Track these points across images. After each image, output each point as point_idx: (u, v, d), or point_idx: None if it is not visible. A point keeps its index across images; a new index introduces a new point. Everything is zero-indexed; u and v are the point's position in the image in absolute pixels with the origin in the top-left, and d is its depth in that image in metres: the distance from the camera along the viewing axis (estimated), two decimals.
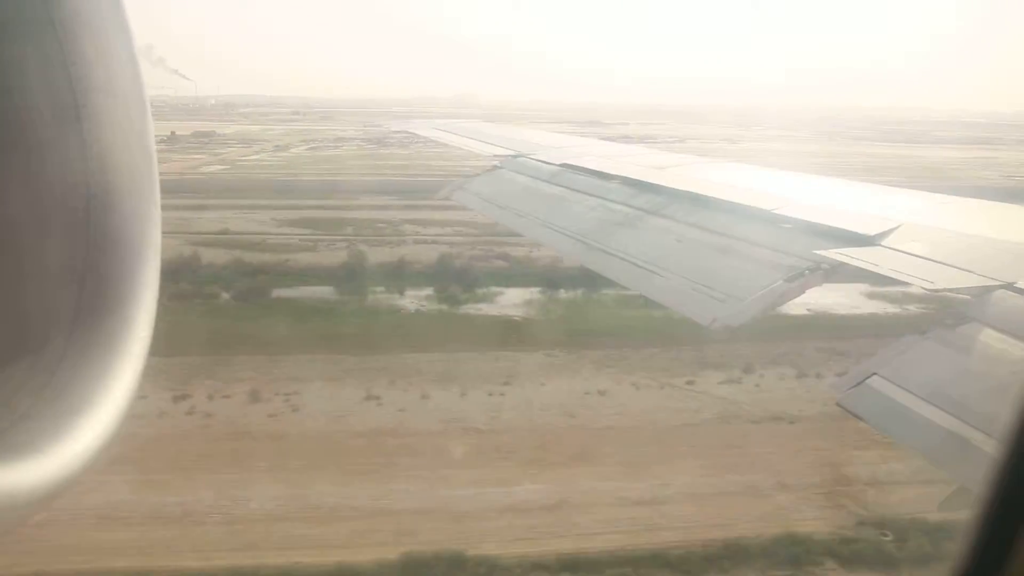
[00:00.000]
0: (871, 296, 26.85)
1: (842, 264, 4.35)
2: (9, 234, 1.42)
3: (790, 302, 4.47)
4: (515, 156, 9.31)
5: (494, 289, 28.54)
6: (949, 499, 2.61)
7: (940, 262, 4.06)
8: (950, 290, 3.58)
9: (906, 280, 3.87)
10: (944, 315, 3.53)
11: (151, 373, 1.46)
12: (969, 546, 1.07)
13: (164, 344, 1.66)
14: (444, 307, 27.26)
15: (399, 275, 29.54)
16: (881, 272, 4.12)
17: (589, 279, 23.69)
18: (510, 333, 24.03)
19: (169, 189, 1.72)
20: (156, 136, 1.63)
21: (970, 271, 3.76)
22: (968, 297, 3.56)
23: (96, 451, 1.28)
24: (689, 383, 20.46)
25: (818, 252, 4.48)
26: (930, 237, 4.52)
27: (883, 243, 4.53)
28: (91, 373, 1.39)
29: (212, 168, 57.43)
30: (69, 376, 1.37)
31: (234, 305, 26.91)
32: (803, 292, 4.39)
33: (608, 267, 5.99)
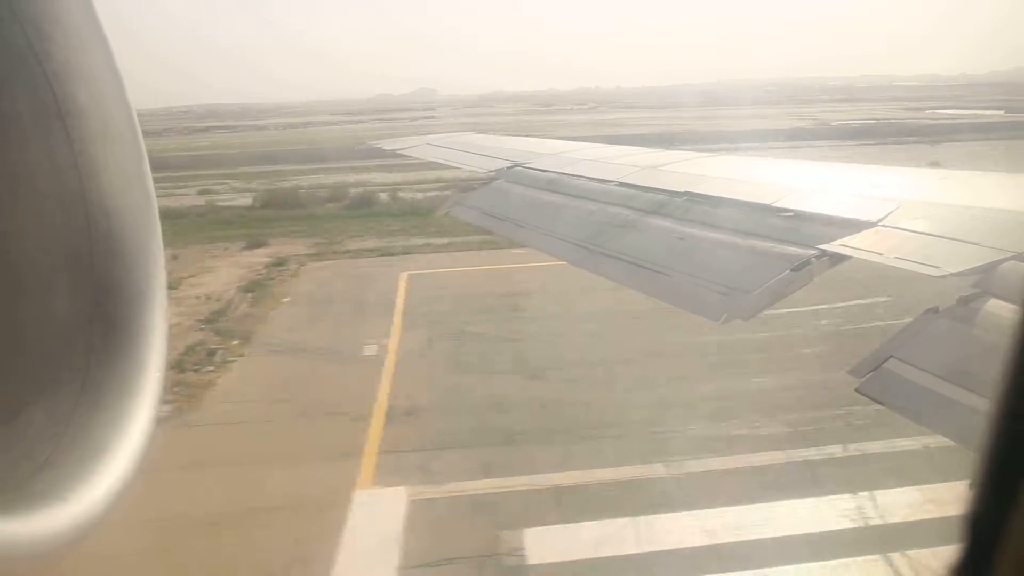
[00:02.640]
0: None
1: (845, 249, 4.34)
2: (14, 285, 1.42)
3: None
4: (511, 167, 9.34)
5: None
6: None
7: (945, 237, 4.04)
8: (959, 274, 3.54)
9: (913, 268, 3.84)
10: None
11: None
12: (976, 498, 1.09)
13: None
14: None
15: None
16: (885, 262, 4.09)
17: None
18: None
19: None
20: None
21: (977, 244, 3.74)
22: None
23: (116, 494, 1.29)
24: None
25: (821, 245, 4.47)
26: (932, 214, 4.51)
27: (885, 224, 4.51)
28: (107, 418, 1.39)
29: None
30: (85, 422, 1.38)
31: None
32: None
33: (612, 270, 5.99)
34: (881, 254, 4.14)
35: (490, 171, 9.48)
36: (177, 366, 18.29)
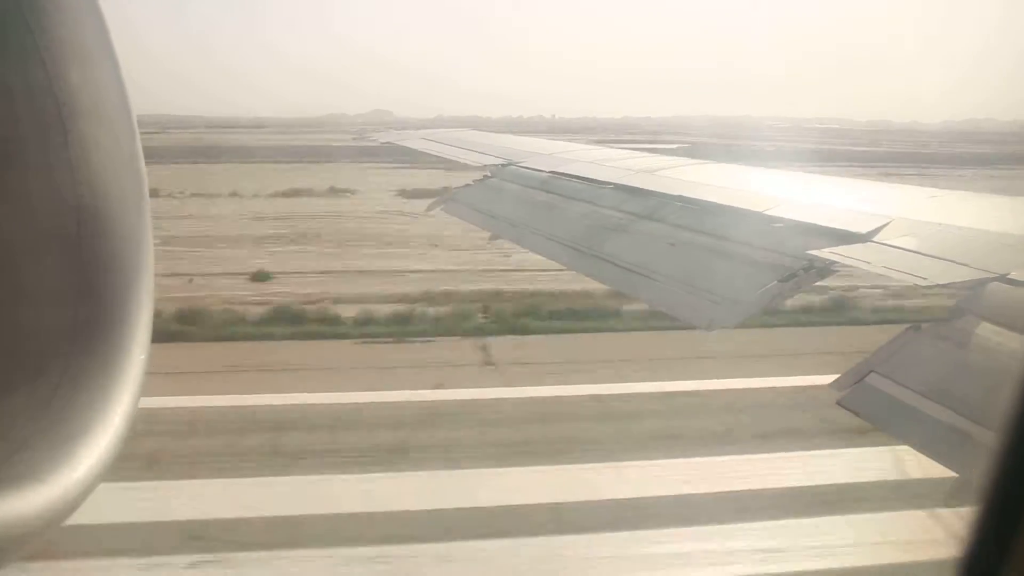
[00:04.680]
0: None
1: (834, 263, 4.36)
2: None
3: None
4: (505, 165, 9.33)
5: None
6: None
7: (933, 256, 4.07)
8: (944, 286, 3.57)
9: (900, 277, 3.88)
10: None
11: None
12: (974, 537, 1.06)
13: None
14: None
15: None
16: (873, 270, 4.13)
17: None
18: None
19: None
20: None
21: (964, 264, 3.77)
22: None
23: (96, 476, 1.28)
24: None
25: (811, 252, 4.49)
26: (922, 231, 4.54)
27: (875, 239, 4.54)
28: (89, 399, 1.38)
29: None
30: (66, 403, 1.36)
31: None
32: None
33: (602, 273, 6.00)
34: (869, 262, 4.18)
35: (484, 168, 9.47)
36: None
